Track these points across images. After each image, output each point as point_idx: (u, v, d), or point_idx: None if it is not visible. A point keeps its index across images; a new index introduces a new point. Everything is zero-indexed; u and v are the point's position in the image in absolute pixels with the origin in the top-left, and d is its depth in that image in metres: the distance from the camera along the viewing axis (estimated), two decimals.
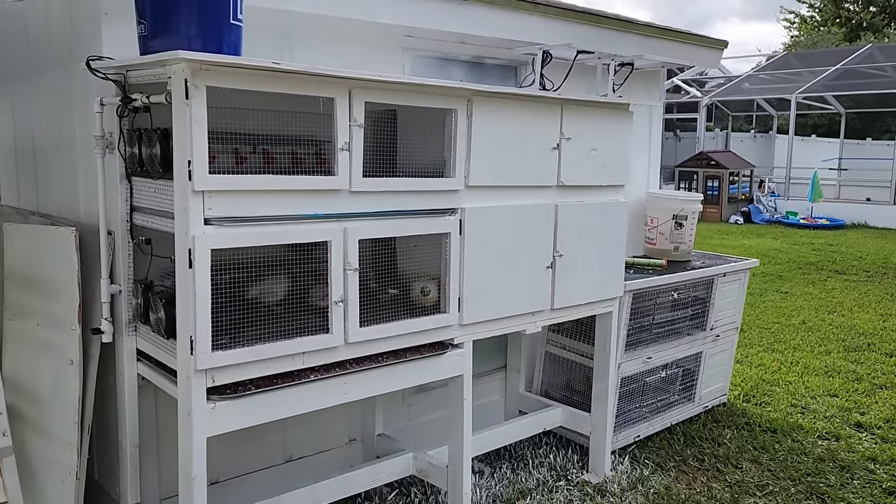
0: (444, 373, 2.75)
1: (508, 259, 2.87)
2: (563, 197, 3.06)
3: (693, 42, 4.31)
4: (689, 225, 4.37)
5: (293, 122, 2.58)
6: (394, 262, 2.81)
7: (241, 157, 2.63)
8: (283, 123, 2.62)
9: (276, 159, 2.72)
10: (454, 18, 3.33)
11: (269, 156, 2.72)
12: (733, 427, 4.20)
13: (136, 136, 2.29)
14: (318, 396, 2.39)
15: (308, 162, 2.71)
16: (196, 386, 2.10)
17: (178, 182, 2.06)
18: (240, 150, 2.61)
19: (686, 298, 4.00)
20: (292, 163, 2.75)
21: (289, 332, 2.30)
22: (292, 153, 2.77)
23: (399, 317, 2.59)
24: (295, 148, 2.77)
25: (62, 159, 2.92)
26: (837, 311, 7.20)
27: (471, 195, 2.73)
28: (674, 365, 4.06)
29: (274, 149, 2.70)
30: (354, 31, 3.13)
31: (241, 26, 2.16)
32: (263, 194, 2.19)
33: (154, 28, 2.04)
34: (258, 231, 2.18)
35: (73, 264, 2.48)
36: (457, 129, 2.65)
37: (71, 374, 2.52)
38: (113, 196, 2.46)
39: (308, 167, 2.61)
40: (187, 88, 1.97)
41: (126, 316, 2.49)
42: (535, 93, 2.79)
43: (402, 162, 2.74)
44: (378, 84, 2.39)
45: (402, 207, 2.55)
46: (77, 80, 2.72)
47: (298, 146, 2.76)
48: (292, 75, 2.17)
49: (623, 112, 3.25)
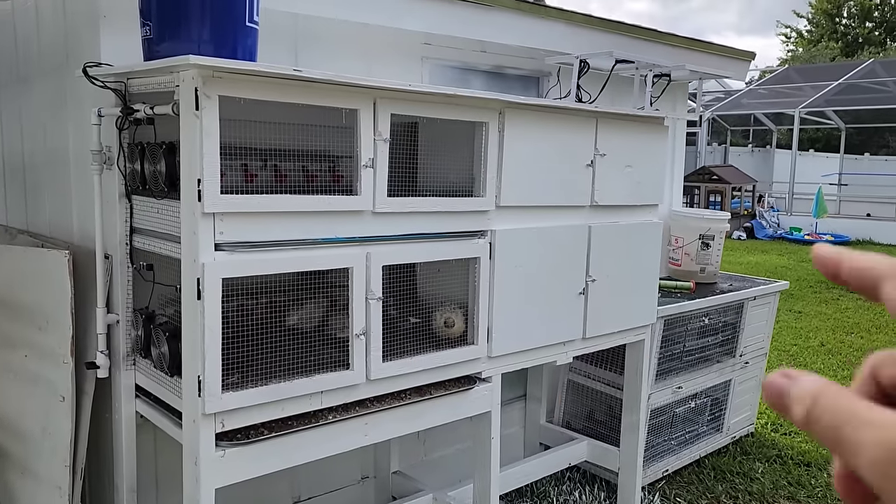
0: (471, 409, 2.52)
1: (539, 285, 2.65)
2: (596, 217, 2.84)
3: (721, 53, 4.11)
4: (717, 245, 4.16)
5: (306, 136, 2.37)
6: (414, 288, 2.58)
7: (251, 174, 2.41)
8: (294, 136, 2.40)
9: (287, 176, 2.50)
10: (476, 24, 3.12)
11: (280, 172, 2.50)
12: (764, 460, 3.97)
13: (138, 151, 2.07)
14: (338, 439, 2.15)
15: (322, 179, 2.50)
16: (204, 431, 1.86)
17: (186, 203, 1.83)
18: (249, 165, 2.39)
19: (717, 324, 3.78)
20: (305, 180, 2.53)
21: (306, 369, 2.06)
22: (304, 169, 2.56)
23: (423, 350, 2.36)
24: (307, 163, 2.56)
25: (54, 175, 2.69)
26: (855, 332, 6.99)
27: (501, 216, 2.50)
28: (703, 394, 3.83)
29: (285, 164, 2.49)
30: (370, 37, 2.92)
31: (257, 29, 1.94)
32: (279, 216, 1.96)
33: (161, 31, 1.82)
34: (274, 257, 1.95)
35: (66, 291, 2.25)
36: (488, 144, 2.43)
37: (62, 411, 2.28)
38: (111, 216, 2.23)
39: (322, 185, 2.40)
40: (198, 98, 1.75)
41: (124, 348, 2.25)
42: (571, 105, 2.58)
43: (423, 180, 2.52)
44: (405, 94, 2.17)
45: (428, 230, 2.33)
46: (71, 89, 2.50)
47: (311, 162, 2.55)
48: (314, 84, 1.95)
49: (658, 126, 3.04)
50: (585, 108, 2.64)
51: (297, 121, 2.34)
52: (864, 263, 0.42)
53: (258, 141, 2.32)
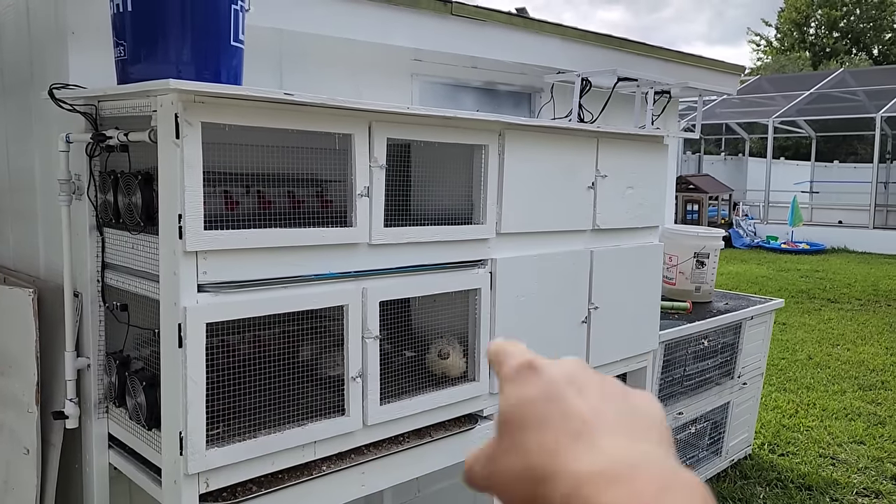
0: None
1: (541, 315, 2.50)
2: (597, 242, 2.71)
3: (712, 67, 4.02)
4: (711, 263, 4.06)
5: (290, 159, 2.21)
6: (408, 321, 2.42)
7: (232, 202, 2.23)
8: (278, 160, 2.24)
9: (272, 203, 2.34)
10: (468, 40, 2.98)
11: (264, 199, 2.33)
12: (764, 484, 3.86)
13: (111, 181, 1.88)
14: (333, 491, 1.98)
15: (308, 205, 2.34)
16: (186, 492, 1.68)
17: (166, 240, 1.66)
18: (229, 192, 2.22)
19: (716, 345, 3.67)
20: (291, 206, 2.37)
21: (297, 417, 1.89)
22: (290, 194, 2.40)
23: (421, 388, 2.20)
24: (293, 188, 2.40)
25: (19, 202, 2.49)
26: (841, 344, 6.95)
27: (502, 244, 2.36)
28: (702, 418, 3.71)
29: (269, 190, 2.32)
30: (358, 54, 2.77)
31: (242, 49, 1.77)
32: (268, 252, 1.79)
33: (136, 51, 1.64)
34: (263, 297, 1.78)
35: (30, 333, 2.05)
36: (487, 168, 2.28)
37: (27, 465, 2.08)
38: (80, 251, 2.04)
39: (309, 211, 2.23)
40: (178, 125, 1.58)
41: (95, 395, 2.05)
42: (574, 126, 2.45)
43: (415, 207, 2.37)
44: (402, 117, 2.02)
45: (426, 261, 2.17)
46: (36, 110, 2.31)
47: (297, 186, 2.39)
48: (305, 108, 1.79)
49: (658, 145, 2.92)
50: (588, 128, 2.51)
51: (280, 143, 2.18)
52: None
53: (238, 165, 2.14)
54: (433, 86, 3.10)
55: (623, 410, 0.42)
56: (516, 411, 0.43)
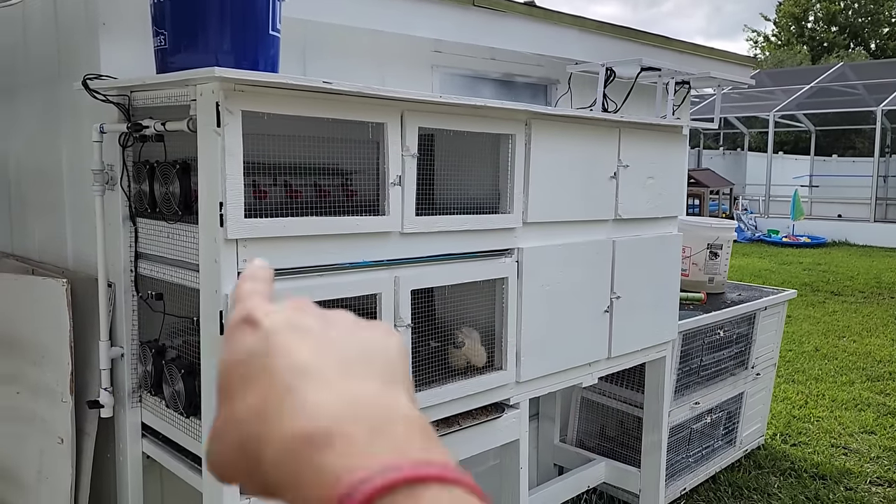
0: (500, 438, 2.38)
1: (565, 304, 2.52)
2: (619, 231, 2.72)
3: (726, 59, 4.04)
4: (724, 254, 4.07)
5: (316, 149, 2.21)
6: (432, 310, 2.43)
7: (262, 191, 2.24)
8: (304, 149, 2.24)
9: (300, 192, 2.34)
10: (487, 32, 2.99)
11: (291, 189, 2.34)
12: (778, 473, 3.88)
13: (147, 171, 1.89)
14: None
15: (334, 194, 2.34)
16: None
17: (206, 228, 1.67)
18: (258, 182, 2.23)
19: (731, 336, 3.69)
20: (318, 196, 2.38)
21: None
22: (316, 185, 2.41)
23: (447, 377, 2.22)
24: (319, 179, 2.40)
25: (45, 194, 2.50)
26: (847, 335, 6.98)
27: (528, 233, 2.37)
28: (718, 409, 3.73)
29: (296, 180, 2.33)
30: (380, 45, 2.77)
31: (279, 38, 1.78)
32: (304, 240, 1.80)
33: (177, 41, 1.65)
34: (300, 286, 1.79)
35: (63, 324, 2.06)
36: (514, 157, 2.29)
37: (61, 454, 2.09)
38: (113, 241, 2.05)
39: (336, 201, 2.24)
40: (219, 114, 1.59)
41: (129, 385, 2.07)
42: (599, 115, 2.46)
43: (440, 196, 2.38)
44: (433, 106, 2.03)
45: (456, 250, 2.19)
46: (65, 102, 2.31)
47: (323, 177, 2.40)
48: (339, 97, 1.79)
49: (677, 136, 2.93)
50: (611, 117, 2.52)
51: (306, 133, 2.18)
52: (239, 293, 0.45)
53: (266, 155, 2.15)
54: (452, 77, 3.11)
55: (349, 349, 0.39)
56: (226, 375, 0.38)
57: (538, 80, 3.43)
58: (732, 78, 3.00)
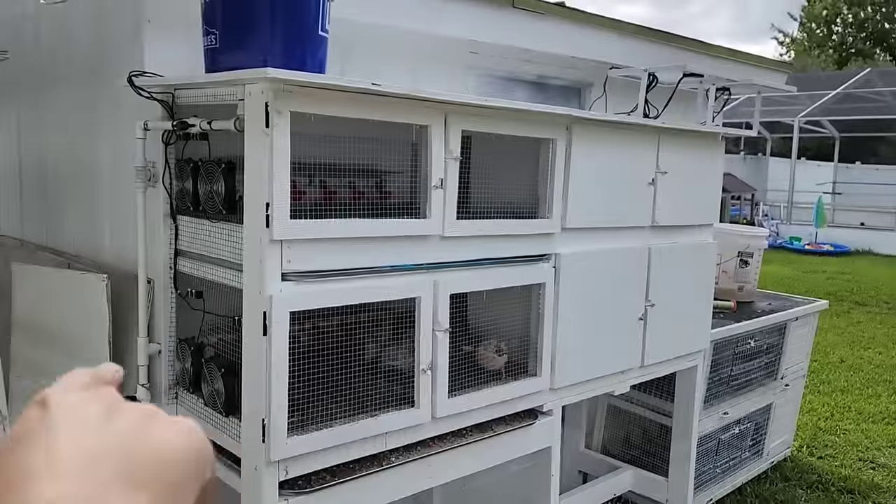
0: (533, 445, 2.36)
1: (600, 311, 2.49)
2: (655, 239, 2.69)
3: (761, 65, 3.99)
4: (755, 263, 4.03)
5: (350, 149, 2.20)
6: (465, 316, 2.42)
7: (299, 192, 2.23)
8: (338, 150, 2.23)
9: (336, 194, 2.33)
10: (525, 33, 2.97)
11: (327, 190, 2.33)
12: (805, 486, 3.83)
13: (190, 169, 1.89)
14: (402, 483, 1.99)
15: (371, 197, 2.33)
16: (267, 480, 1.69)
17: (252, 229, 1.66)
18: (296, 182, 2.22)
19: (762, 345, 3.64)
20: (353, 198, 2.37)
21: (370, 408, 1.89)
22: (351, 185, 2.39)
23: (485, 383, 2.20)
24: (354, 179, 2.39)
25: (82, 189, 2.51)
26: (872, 347, 6.89)
27: (566, 239, 2.35)
28: (746, 419, 3.69)
29: (332, 181, 2.32)
30: (415, 46, 2.76)
31: (327, 38, 1.77)
32: (347, 242, 1.79)
33: (227, 40, 1.65)
34: (342, 287, 1.79)
35: (103, 318, 2.07)
36: (555, 162, 2.27)
37: None
38: (154, 238, 2.05)
39: (373, 203, 2.23)
40: (268, 114, 1.58)
41: (166, 382, 2.07)
42: (639, 121, 2.43)
43: (475, 201, 2.35)
44: (476, 109, 2.01)
45: (494, 255, 2.17)
46: (106, 98, 2.32)
47: (358, 177, 2.38)
48: (385, 98, 1.78)
49: (715, 142, 2.90)
50: (652, 123, 2.49)
51: (342, 133, 2.17)
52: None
53: (302, 155, 2.14)
54: (487, 79, 3.09)
55: (112, 446, 0.39)
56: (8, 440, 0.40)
57: (572, 83, 3.40)
58: (773, 84, 2.96)
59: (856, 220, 16.34)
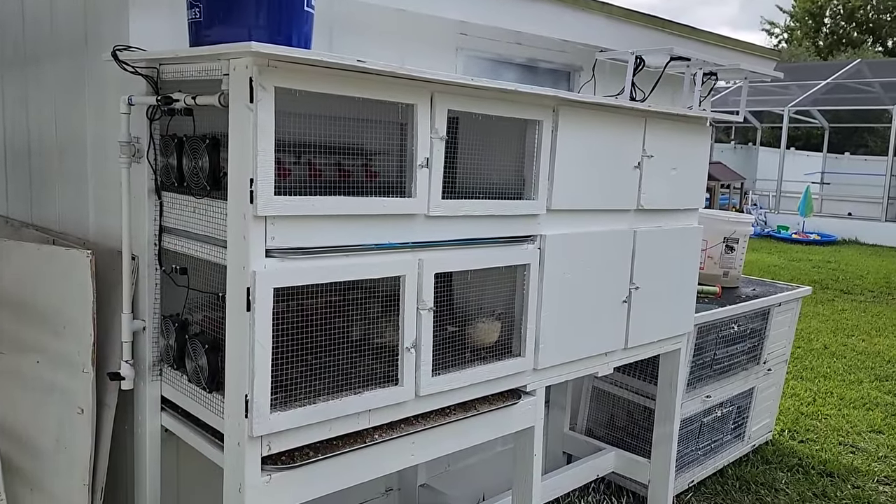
0: (516, 424, 2.38)
1: (585, 293, 2.51)
2: (641, 222, 2.71)
3: (750, 52, 3.99)
4: (740, 249, 4.05)
5: (337, 128, 2.19)
6: (450, 296, 2.43)
7: (284, 170, 2.23)
8: (325, 129, 2.22)
9: (322, 172, 2.32)
10: (514, 16, 2.96)
11: (314, 168, 2.32)
12: (786, 469, 3.89)
13: (175, 144, 1.88)
14: (385, 460, 2.00)
15: (357, 176, 2.33)
16: (250, 455, 1.70)
17: (235, 204, 1.66)
18: (281, 160, 2.22)
19: (745, 330, 3.68)
20: (339, 176, 2.36)
21: (353, 385, 1.91)
22: (338, 165, 2.38)
23: (469, 363, 2.22)
24: (341, 159, 2.38)
25: (67, 165, 2.49)
26: (856, 334, 6.96)
27: (551, 221, 2.36)
28: (728, 403, 3.73)
29: (319, 160, 2.31)
30: (405, 26, 2.75)
31: (313, 14, 1.76)
32: (331, 220, 1.80)
33: (212, 14, 1.64)
34: (326, 265, 1.79)
35: (87, 294, 2.06)
36: (541, 144, 2.28)
37: (81, 425, 2.10)
38: (138, 214, 2.04)
39: (359, 182, 2.23)
40: (252, 89, 1.57)
41: (150, 358, 2.07)
42: (625, 104, 2.44)
43: (461, 181, 2.36)
44: (463, 89, 2.01)
45: (479, 235, 2.18)
46: (90, 73, 2.30)
47: (345, 157, 2.37)
48: (371, 76, 1.78)
49: (702, 127, 2.91)
50: (638, 106, 2.50)
51: (328, 112, 2.16)
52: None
53: (288, 133, 2.13)
54: (477, 60, 3.08)
55: None
56: None
57: (561, 66, 3.40)
58: (760, 70, 2.97)
59: (843, 210, 16.47)
